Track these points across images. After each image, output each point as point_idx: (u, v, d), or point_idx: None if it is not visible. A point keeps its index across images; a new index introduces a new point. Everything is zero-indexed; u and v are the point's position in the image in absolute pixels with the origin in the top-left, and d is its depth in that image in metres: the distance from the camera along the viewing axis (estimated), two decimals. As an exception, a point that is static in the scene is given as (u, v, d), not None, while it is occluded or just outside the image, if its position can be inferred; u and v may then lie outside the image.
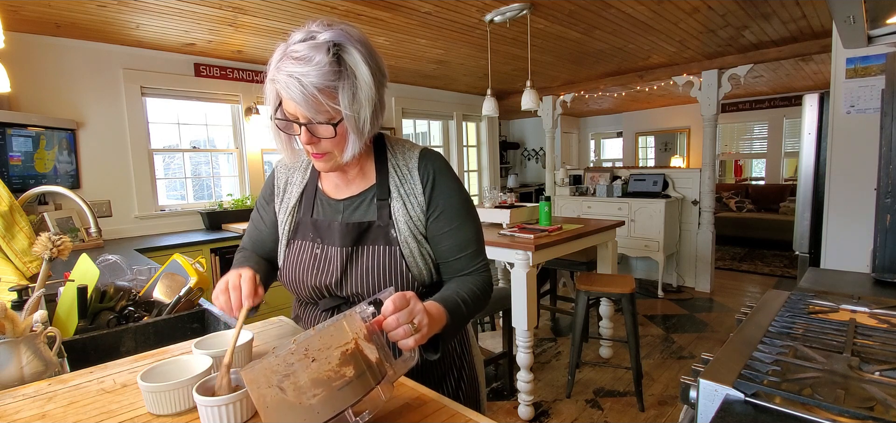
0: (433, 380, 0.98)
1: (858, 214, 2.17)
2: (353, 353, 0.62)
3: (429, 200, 0.95)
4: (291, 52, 0.81)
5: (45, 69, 3.16)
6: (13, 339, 0.86)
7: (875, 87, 2.07)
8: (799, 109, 4.48)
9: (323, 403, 0.58)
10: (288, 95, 0.80)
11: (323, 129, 0.84)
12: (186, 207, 3.94)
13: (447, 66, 4.65)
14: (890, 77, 1.38)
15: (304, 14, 2.94)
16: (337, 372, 0.60)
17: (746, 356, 0.83)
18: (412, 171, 0.96)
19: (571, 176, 5.71)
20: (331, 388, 0.59)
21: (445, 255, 0.96)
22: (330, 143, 0.86)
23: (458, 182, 0.99)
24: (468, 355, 1.09)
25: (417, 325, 0.72)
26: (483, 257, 0.98)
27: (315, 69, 0.78)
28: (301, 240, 1.00)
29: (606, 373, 3.08)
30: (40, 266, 1.11)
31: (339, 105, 0.81)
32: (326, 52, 0.79)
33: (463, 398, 1.04)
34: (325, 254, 0.95)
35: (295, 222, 1.01)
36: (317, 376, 0.59)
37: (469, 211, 0.97)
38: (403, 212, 0.94)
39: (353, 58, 0.82)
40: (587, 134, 9.71)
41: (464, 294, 0.90)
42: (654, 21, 3.40)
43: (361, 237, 0.94)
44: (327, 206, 1.00)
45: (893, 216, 1.35)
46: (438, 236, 0.95)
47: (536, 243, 2.42)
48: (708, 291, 4.83)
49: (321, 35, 0.81)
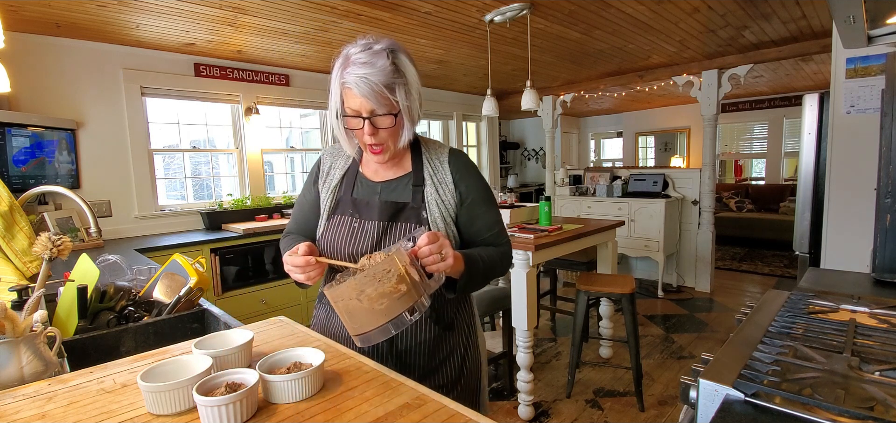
0: (442, 353, 1.13)
1: (858, 214, 2.17)
2: (403, 276, 0.87)
3: (459, 190, 1.12)
4: (355, 59, 0.98)
5: (45, 69, 3.16)
6: (13, 339, 0.86)
7: (875, 87, 2.07)
8: (799, 109, 4.48)
9: (388, 309, 0.87)
10: (358, 91, 0.97)
11: (385, 119, 1.01)
12: (186, 208, 3.94)
13: (447, 67, 4.65)
14: (890, 77, 1.38)
15: (305, 14, 2.94)
16: (395, 288, 0.86)
17: (746, 356, 0.83)
18: (444, 163, 1.14)
19: (571, 176, 5.71)
20: (392, 298, 0.86)
21: (478, 234, 1.14)
22: (387, 133, 1.03)
23: (481, 176, 1.19)
24: (473, 336, 1.22)
25: (444, 255, 0.93)
26: (506, 234, 1.19)
27: (379, 71, 0.97)
28: (340, 215, 1.14)
29: (606, 373, 3.08)
30: (40, 266, 1.11)
31: (398, 98, 1.00)
32: (386, 57, 0.98)
33: (467, 373, 1.17)
34: (361, 227, 1.10)
35: (336, 200, 1.16)
36: (382, 291, 0.86)
37: (492, 199, 1.19)
38: (435, 196, 1.11)
39: (403, 61, 1.02)
40: (587, 134, 9.71)
41: (483, 253, 1.10)
42: (654, 21, 3.40)
43: (396, 215, 1.09)
44: (367, 186, 1.15)
45: (893, 216, 1.35)
46: (470, 219, 1.13)
47: (536, 243, 2.42)
48: (708, 291, 4.83)
49: (377, 45, 1.00)
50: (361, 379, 0.86)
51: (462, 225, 1.13)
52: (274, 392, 0.78)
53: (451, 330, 1.14)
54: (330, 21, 3.11)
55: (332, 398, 0.79)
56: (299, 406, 0.77)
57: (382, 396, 0.80)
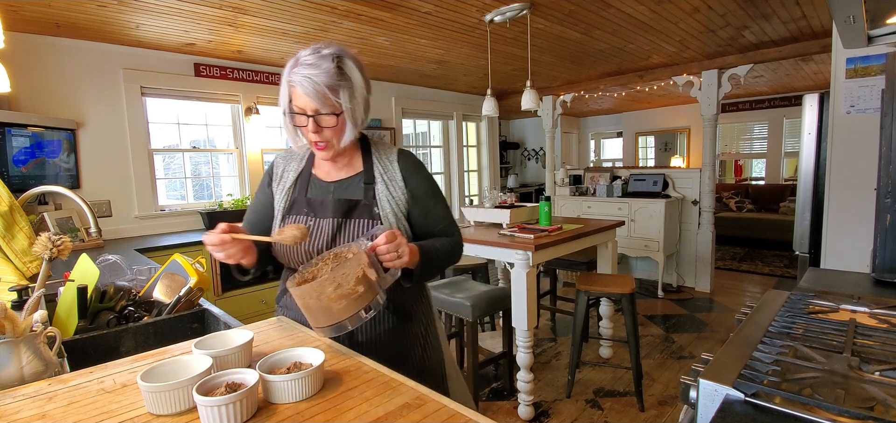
0: (402, 344, 1.20)
1: (858, 214, 2.17)
2: (362, 277, 0.93)
3: (409, 188, 1.19)
4: (303, 60, 1.05)
5: (45, 69, 3.16)
6: (13, 339, 0.86)
7: (875, 87, 2.07)
8: (799, 109, 4.48)
9: (345, 308, 0.93)
10: (303, 90, 1.04)
11: (328, 119, 1.07)
12: (186, 207, 3.94)
13: (447, 66, 4.65)
14: (890, 77, 1.38)
15: (305, 14, 2.94)
16: (353, 290, 0.92)
17: (746, 356, 0.83)
18: (393, 163, 1.20)
19: (571, 176, 5.71)
20: (350, 299, 0.92)
21: (432, 228, 1.22)
22: (331, 131, 1.09)
23: (429, 174, 1.26)
24: (432, 325, 1.30)
25: (401, 253, 1.00)
26: (456, 226, 1.27)
27: (324, 73, 1.03)
28: (296, 215, 1.19)
29: (606, 373, 3.08)
30: (40, 266, 1.11)
31: (341, 100, 1.06)
32: (331, 61, 1.04)
33: (430, 362, 1.25)
34: (317, 225, 1.16)
35: (291, 200, 1.21)
36: (341, 293, 0.91)
37: (440, 194, 1.27)
38: (386, 193, 1.17)
39: (349, 66, 1.08)
40: (587, 134, 9.71)
41: (436, 244, 1.18)
42: (654, 21, 3.40)
43: (350, 212, 1.15)
44: (320, 187, 1.21)
45: (893, 216, 1.35)
46: (424, 214, 1.21)
47: (536, 243, 2.42)
48: (708, 291, 4.83)
49: (326, 49, 1.06)
50: (361, 379, 0.86)
51: (416, 221, 1.21)
52: (274, 392, 0.78)
53: (409, 321, 1.21)
54: (330, 21, 3.11)
55: (332, 398, 0.79)
56: (299, 406, 0.77)
57: (382, 396, 0.80)
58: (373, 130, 5.14)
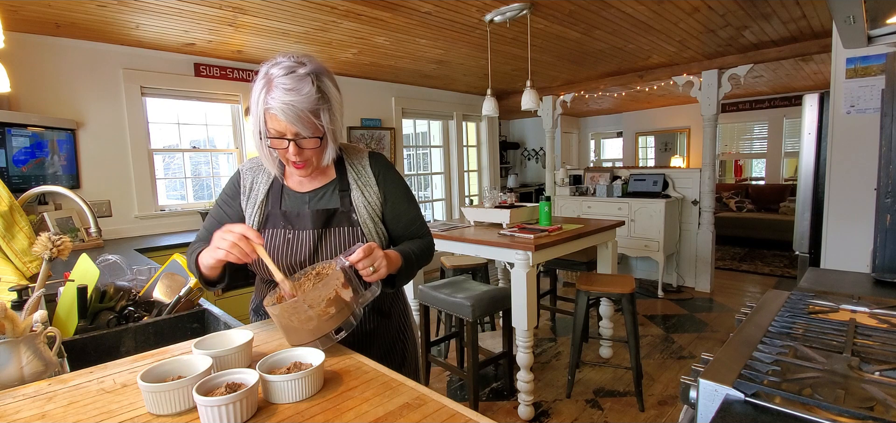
0: (382, 350, 1.23)
1: (858, 214, 2.17)
2: (334, 299, 0.95)
3: (382, 189, 1.19)
4: (279, 83, 0.99)
5: (44, 69, 3.16)
6: (13, 339, 0.86)
7: (875, 87, 2.07)
8: (799, 109, 4.48)
9: (316, 329, 0.94)
10: (284, 117, 0.99)
11: (310, 142, 1.05)
12: (186, 207, 3.94)
13: (447, 66, 4.65)
14: (890, 77, 1.38)
15: (305, 14, 2.94)
16: (324, 312, 0.94)
17: (746, 355, 0.83)
18: (365, 167, 1.20)
19: (571, 176, 5.71)
20: (321, 320, 0.94)
21: (404, 228, 1.23)
22: (312, 152, 1.07)
23: (400, 175, 1.27)
24: (407, 319, 1.34)
25: (377, 267, 1.01)
26: (427, 227, 1.30)
27: (305, 98, 0.99)
28: (272, 228, 1.15)
29: (606, 373, 3.08)
30: (40, 266, 1.11)
31: (322, 122, 1.04)
32: (311, 83, 1.00)
33: (408, 355, 1.30)
34: (296, 237, 1.13)
35: (265, 214, 1.17)
36: (310, 315, 0.93)
37: (412, 196, 1.28)
38: (362, 199, 1.16)
39: (327, 85, 1.05)
40: (587, 134, 9.71)
41: (414, 248, 1.20)
42: (654, 21, 3.40)
43: (328, 222, 1.14)
44: (294, 198, 1.18)
45: (893, 216, 1.35)
46: (396, 216, 1.21)
47: (536, 243, 2.42)
48: (708, 291, 4.83)
49: (301, 69, 1.01)
50: (361, 379, 0.86)
51: (389, 223, 1.21)
52: (274, 392, 0.78)
53: (389, 318, 1.25)
54: (330, 21, 3.11)
55: (332, 398, 0.79)
56: (299, 406, 0.77)
57: (382, 396, 0.80)
58: (373, 130, 5.14)
